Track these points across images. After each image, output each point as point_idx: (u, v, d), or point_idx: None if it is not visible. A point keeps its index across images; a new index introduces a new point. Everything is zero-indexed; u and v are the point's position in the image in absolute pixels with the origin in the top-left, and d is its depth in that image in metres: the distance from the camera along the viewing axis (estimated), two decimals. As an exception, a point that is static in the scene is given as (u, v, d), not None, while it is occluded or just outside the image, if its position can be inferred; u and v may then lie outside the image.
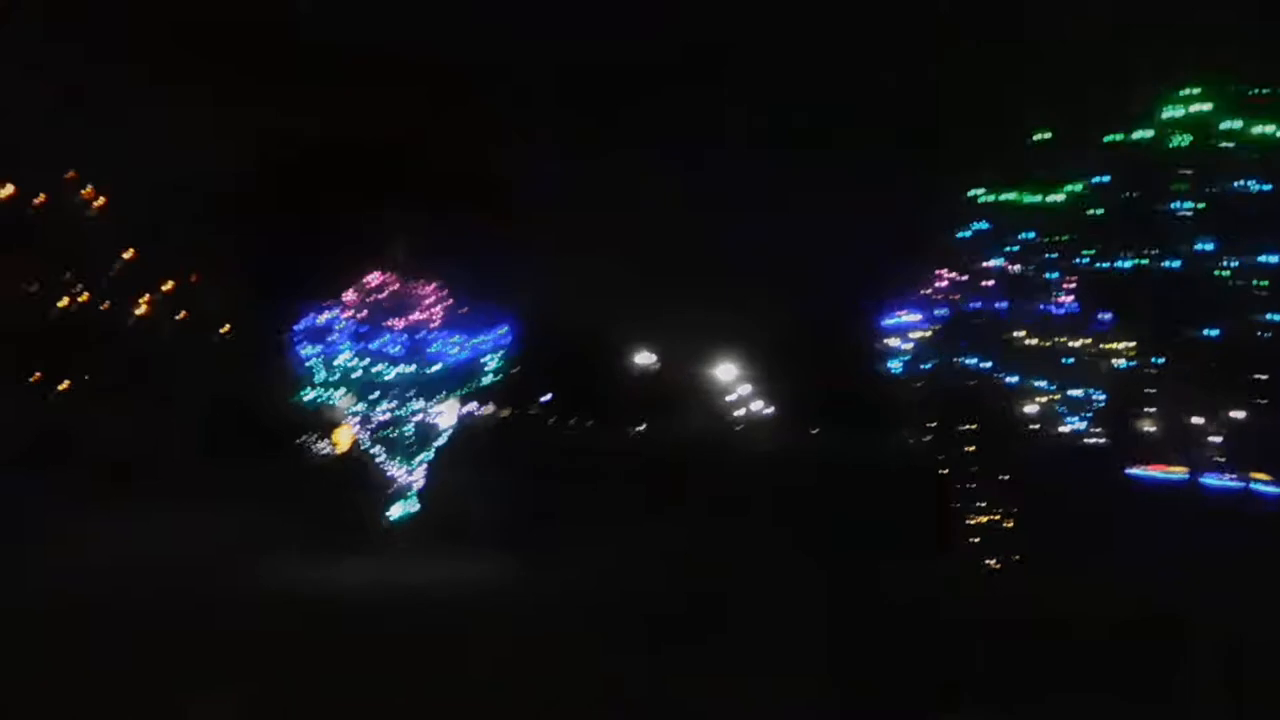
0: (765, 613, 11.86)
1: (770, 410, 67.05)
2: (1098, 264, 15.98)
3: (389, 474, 15.99)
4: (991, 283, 14.55)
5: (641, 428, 65.90)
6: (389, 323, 15.42)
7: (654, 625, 11.30)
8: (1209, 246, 16.60)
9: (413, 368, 15.49)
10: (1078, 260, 15.36)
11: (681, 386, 67.82)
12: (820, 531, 16.61)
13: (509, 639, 10.82)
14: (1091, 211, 17.14)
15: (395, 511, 15.95)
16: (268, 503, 17.73)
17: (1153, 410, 17.42)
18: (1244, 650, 10.12)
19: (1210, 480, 50.93)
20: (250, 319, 21.55)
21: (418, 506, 16.02)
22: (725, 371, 71.25)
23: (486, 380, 16.35)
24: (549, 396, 67.70)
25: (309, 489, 18.15)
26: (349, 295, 15.82)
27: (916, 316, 14.81)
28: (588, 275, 40.74)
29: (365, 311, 15.54)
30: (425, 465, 16.14)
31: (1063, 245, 16.06)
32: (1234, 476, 51.73)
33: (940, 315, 14.42)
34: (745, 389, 71.70)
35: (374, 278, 15.89)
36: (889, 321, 15.32)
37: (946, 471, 15.61)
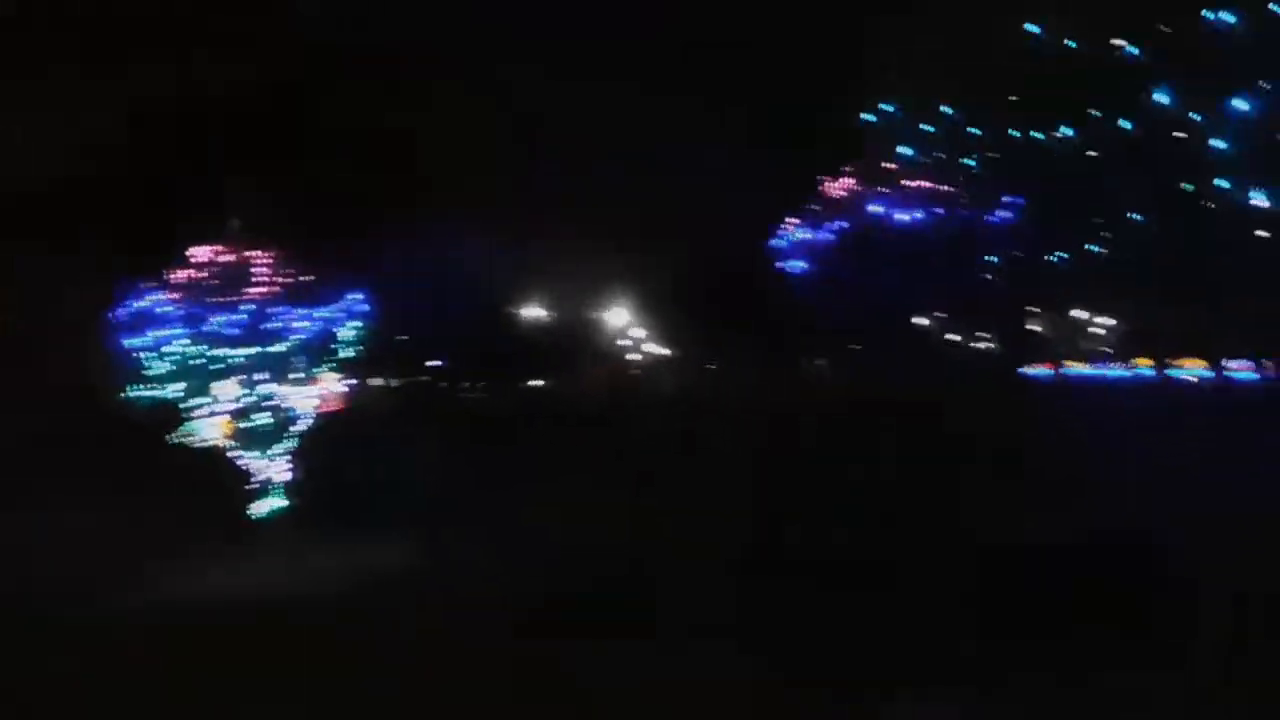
0: (702, 588, 10.58)
1: (668, 351, 66.31)
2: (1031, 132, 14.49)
3: (249, 468, 14.33)
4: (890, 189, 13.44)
5: (540, 383, 64.58)
6: (223, 300, 13.65)
7: (567, 608, 10.08)
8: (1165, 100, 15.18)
9: (255, 348, 13.78)
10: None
11: (576, 336, 66.56)
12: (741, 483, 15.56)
13: (411, 639, 9.49)
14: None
15: (261, 508, 14.31)
16: (112, 507, 15.76)
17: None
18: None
19: (1095, 372, 52.08)
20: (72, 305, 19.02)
21: (285, 500, 14.41)
22: (618, 316, 70.18)
23: (347, 353, 14.69)
24: (439, 362, 65.81)
25: (163, 490, 16.24)
26: (175, 274, 13.97)
27: (808, 234, 13.67)
28: (462, 230, 38.85)
29: (195, 290, 13.73)
30: (291, 453, 14.50)
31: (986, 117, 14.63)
32: (1121, 365, 53.20)
33: (835, 229, 13.28)
34: (640, 332, 70.80)
35: (202, 252, 14.06)
36: (779, 241, 14.14)
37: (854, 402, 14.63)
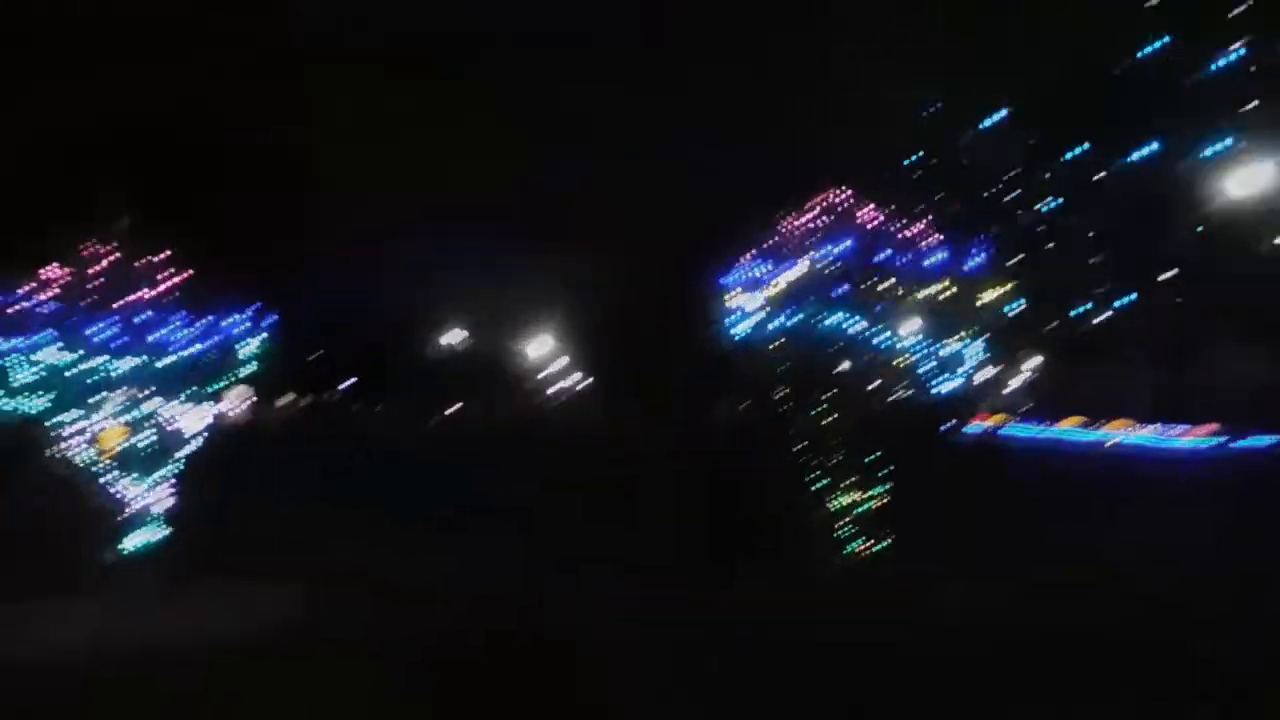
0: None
1: (588, 385, 65.08)
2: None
3: (120, 496, 12.62)
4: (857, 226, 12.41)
5: (453, 410, 62.81)
6: (104, 304, 12.01)
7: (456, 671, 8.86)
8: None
9: (140, 360, 12.15)
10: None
11: (494, 364, 64.98)
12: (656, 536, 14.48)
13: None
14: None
15: (131, 542, 12.61)
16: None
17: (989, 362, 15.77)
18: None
19: (1023, 429, 52.09)
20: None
21: (160, 534, 12.72)
22: (540, 345, 68.77)
23: (245, 369, 13.13)
24: (348, 383, 63.51)
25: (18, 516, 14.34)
26: (51, 272, 12.29)
27: (765, 269, 12.58)
28: (379, 245, 37.20)
29: (72, 292, 12.07)
30: (170, 480, 12.85)
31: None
32: (1047, 424, 53.21)
33: (789, 265, 12.20)
34: (560, 363, 69.44)
35: (86, 249, 12.41)
36: (732, 277, 12.99)
37: (800, 449, 13.56)
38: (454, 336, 66.38)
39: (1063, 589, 11.93)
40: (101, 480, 12.57)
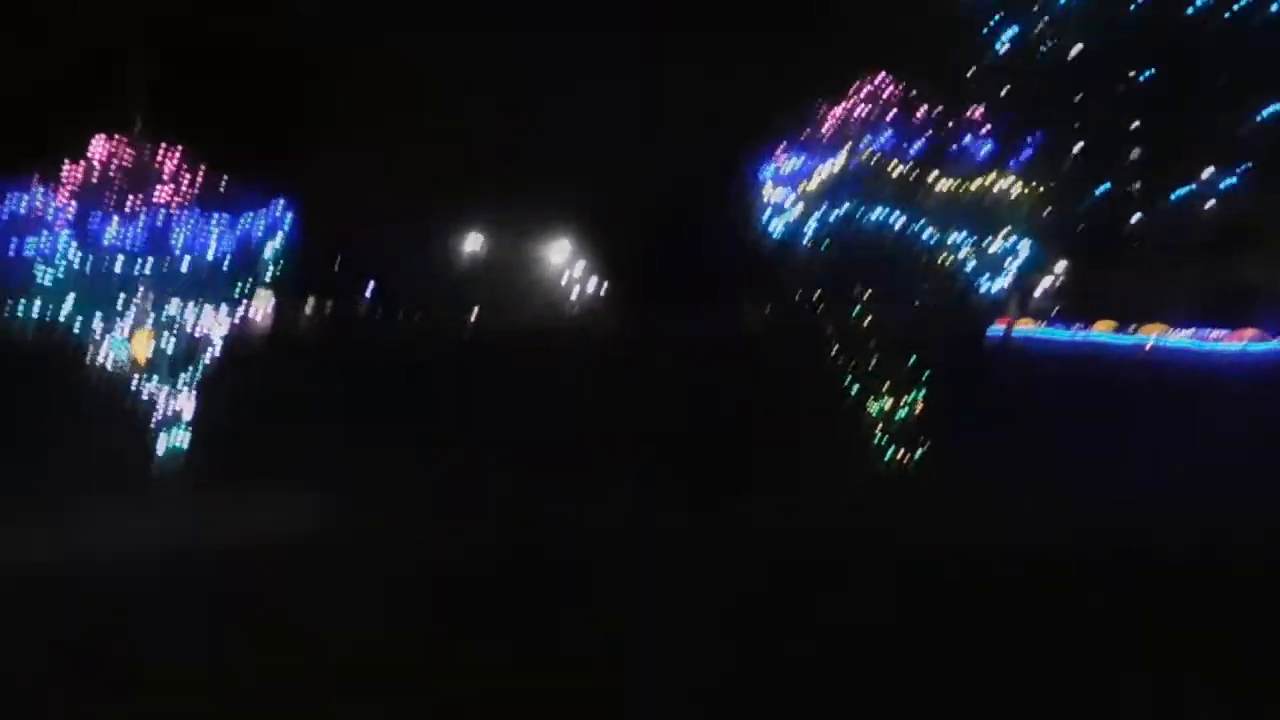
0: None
1: (613, 290, 64.60)
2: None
3: (149, 400, 12.46)
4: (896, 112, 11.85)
5: (471, 317, 62.70)
6: (122, 204, 11.66)
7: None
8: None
9: (161, 262, 11.85)
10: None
11: (514, 270, 64.55)
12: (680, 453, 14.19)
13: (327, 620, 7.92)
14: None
15: (161, 446, 12.49)
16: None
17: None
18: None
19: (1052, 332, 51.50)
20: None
21: (187, 439, 12.59)
22: (559, 252, 68.16)
23: (267, 272, 12.82)
24: (370, 291, 63.35)
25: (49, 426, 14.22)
26: (66, 171, 11.93)
27: (799, 161, 12.06)
28: (399, 147, 36.46)
29: (89, 191, 11.71)
30: (196, 386, 12.67)
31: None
32: (1078, 327, 52.54)
33: (827, 158, 11.68)
34: (582, 269, 68.90)
35: (100, 146, 12.01)
36: (767, 172, 12.47)
37: (836, 353, 13.21)
38: (474, 242, 65.85)
39: (1099, 506, 11.58)
40: (130, 385, 12.40)
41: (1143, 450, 14.42)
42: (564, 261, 67.71)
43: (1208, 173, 42.94)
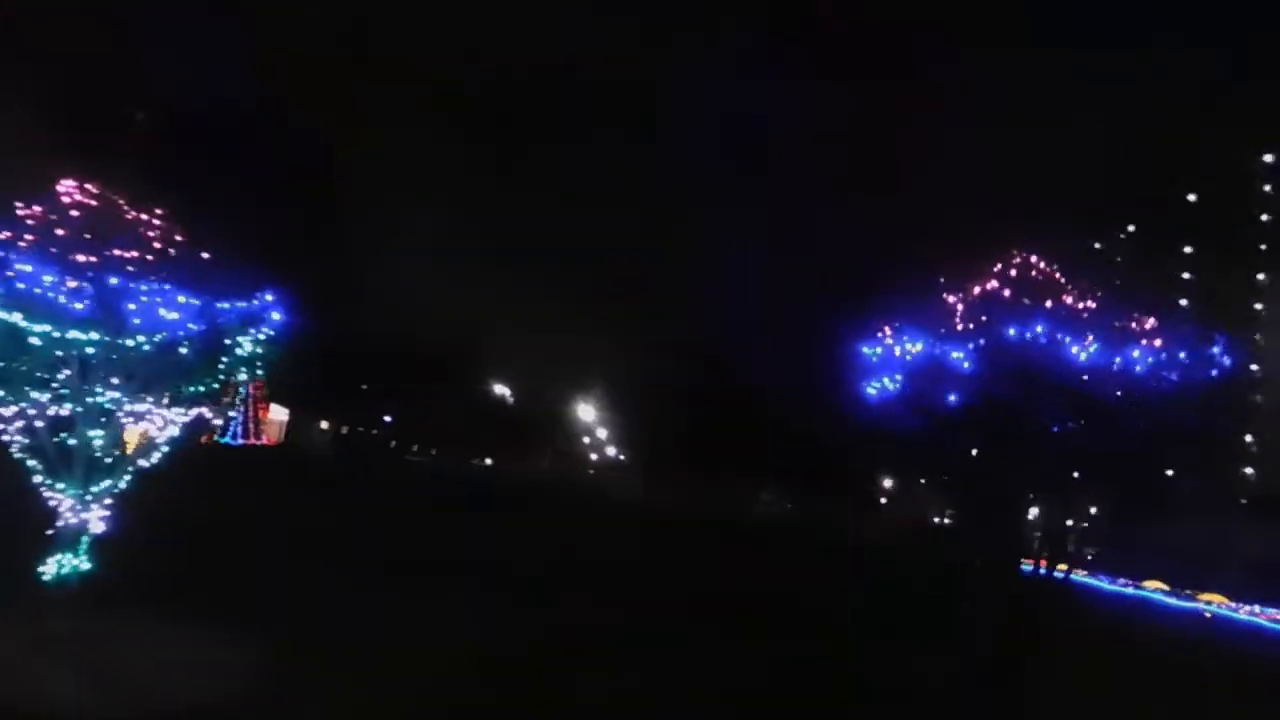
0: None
1: (632, 458, 61.82)
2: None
3: (53, 506, 9.78)
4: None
5: (488, 461, 60.03)
6: (73, 257, 9.28)
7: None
8: None
9: (105, 336, 9.37)
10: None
11: (537, 422, 62.09)
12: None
13: None
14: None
15: (53, 566, 9.71)
16: None
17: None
18: None
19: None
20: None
21: (88, 564, 9.80)
22: (585, 412, 65.82)
23: (239, 372, 10.31)
24: (388, 418, 60.95)
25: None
26: (21, 209, 9.65)
27: (914, 345, 9.54)
28: (434, 272, 34.58)
29: (33, 236, 9.37)
30: (119, 496, 9.99)
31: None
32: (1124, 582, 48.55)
33: (950, 344, 9.15)
34: (606, 432, 66.40)
35: (66, 188, 9.76)
36: (863, 348, 9.97)
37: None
38: (502, 390, 63.85)
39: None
40: (34, 480, 9.76)
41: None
42: (589, 422, 65.40)
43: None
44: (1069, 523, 10.91)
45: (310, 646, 9.62)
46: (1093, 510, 10.79)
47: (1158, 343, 9.56)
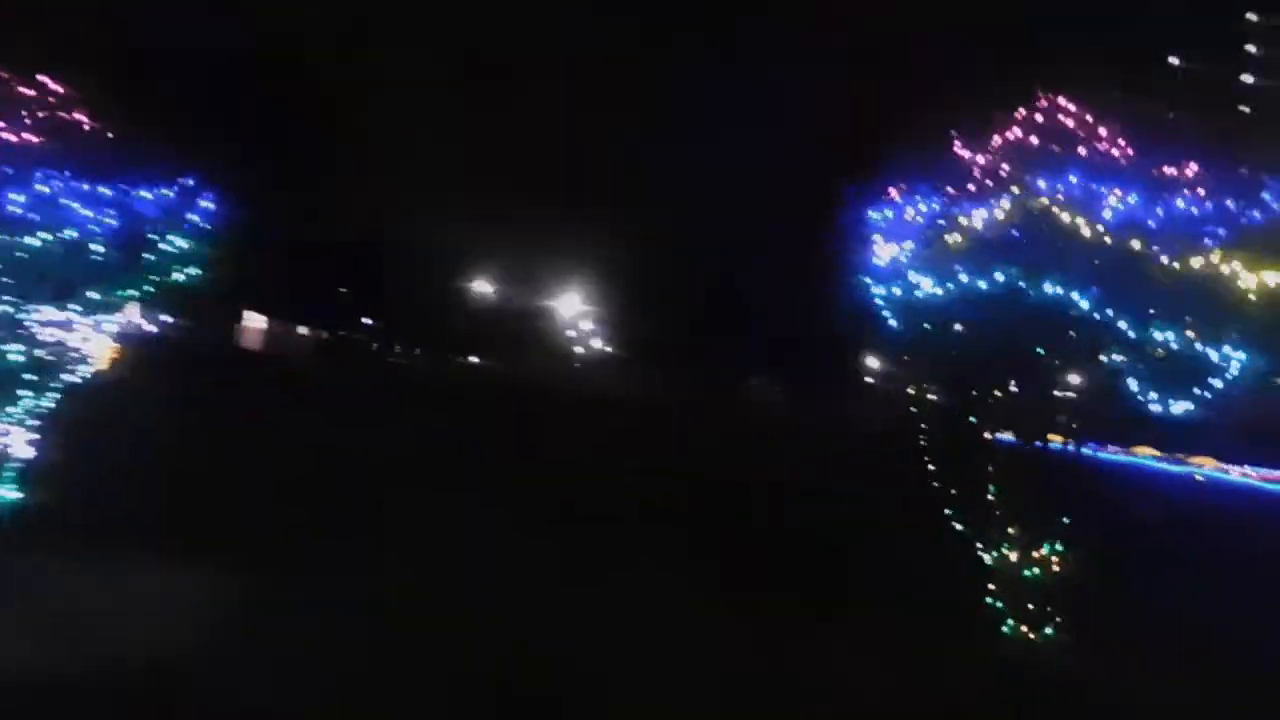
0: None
1: (621, 351, 60.96)
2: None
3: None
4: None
5: (474, 360, 59.10)
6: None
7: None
8: None
9: (8, 236, 8.15)
10: None
11: (522, 320, 60.96)
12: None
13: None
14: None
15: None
16: None
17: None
18: None
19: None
20: None
21: (18, 493, 8.77)
22: (569, 305, 64.65)
23: (169, 276, 9.12)
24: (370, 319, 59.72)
25: None
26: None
27: (930, 207, 8.38)
28: (417, 163, 32.84)
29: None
30: (46, 418, 8.91)
31: None
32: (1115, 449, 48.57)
33: (972, 205, 8.01)
34: (592, 326, 65.40)
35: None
36: (873, 216, 8.80)
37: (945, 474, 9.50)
38: (483, 286, 62.42)
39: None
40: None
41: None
42: (574, 316, 64.30)
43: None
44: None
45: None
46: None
47: (1201, 191, 8.41)
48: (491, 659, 7.55)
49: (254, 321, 53.81)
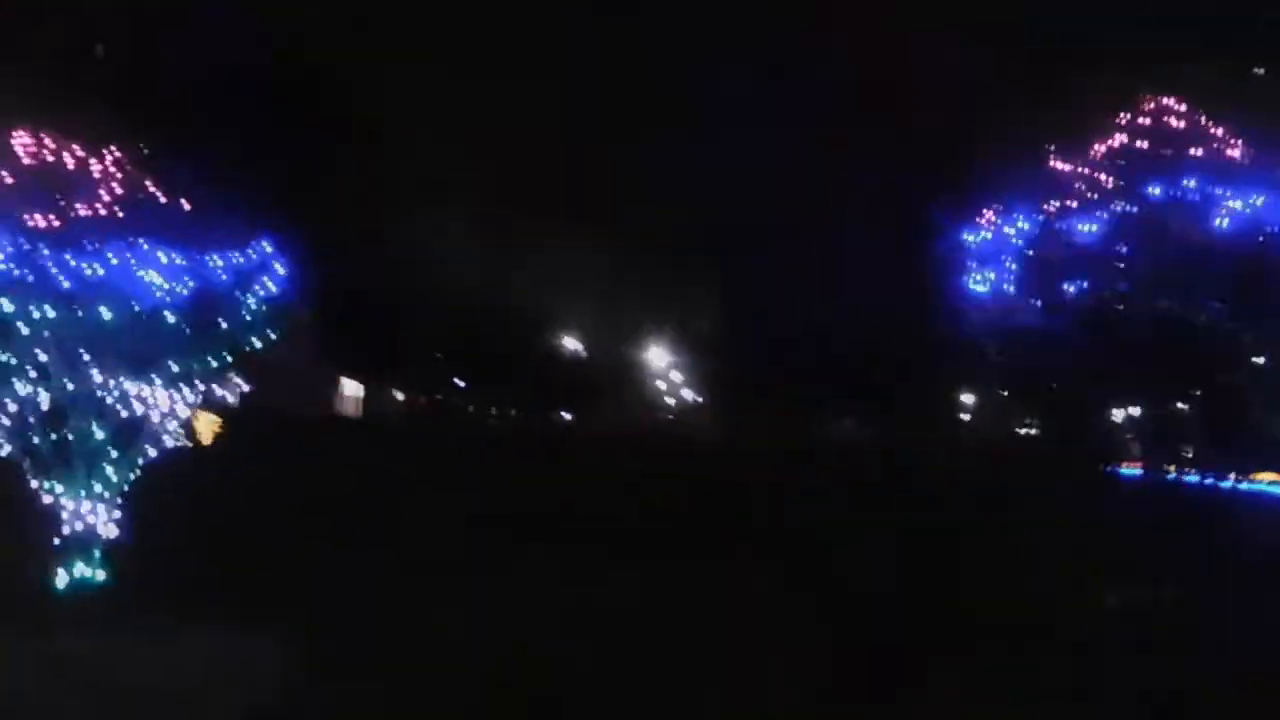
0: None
1: (711, 398, 60.33)
2: None
3: (56, 509, 8.63)
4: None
5: (567, 416, 59.11)
6: (33, 219, 8.01)
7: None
8: None
9: (90, 308, 8.12)
10: None
11: (612, 373, 60.90)
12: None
13: None
14: None
15: (64, 575, 8.59)
16: None
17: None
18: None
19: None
20: None
21: (104, 572, 8.65)
22: (659, 358, 64.47)
23: (248, 340, 9.02)
24: (462, 381, 60.31)
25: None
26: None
27: (1026, 223, 7.82)
28: (481, 221, 33.05)
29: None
30: (129, 495, 8.81)
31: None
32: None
33: (1075, 217, 7.44)
34: (679, 375, 65.06)
35: (21, 139, 8.49)
36: (966, 233, 8.26)
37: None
38: (571, 341, 62.70)
39: None
40: (32, 485, 8.62)
41: None
42: (664, 367, 64.11)
43: None
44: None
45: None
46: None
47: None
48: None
49: (351, 389, 54.75)
